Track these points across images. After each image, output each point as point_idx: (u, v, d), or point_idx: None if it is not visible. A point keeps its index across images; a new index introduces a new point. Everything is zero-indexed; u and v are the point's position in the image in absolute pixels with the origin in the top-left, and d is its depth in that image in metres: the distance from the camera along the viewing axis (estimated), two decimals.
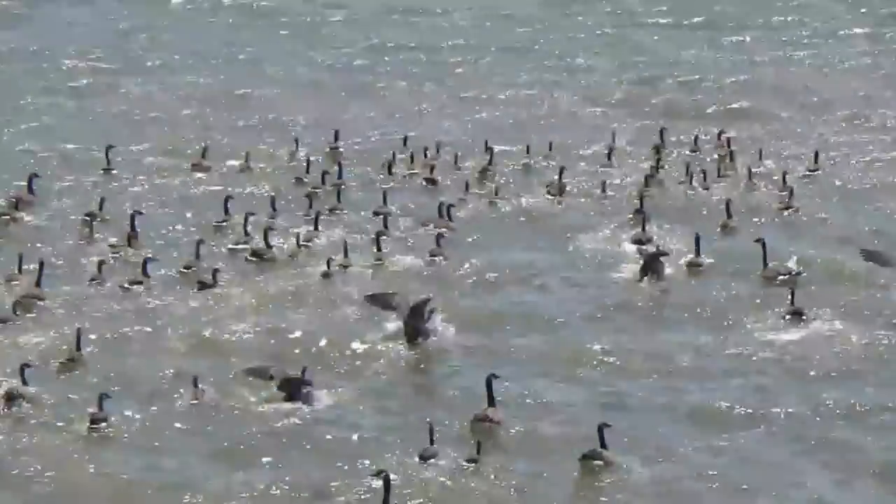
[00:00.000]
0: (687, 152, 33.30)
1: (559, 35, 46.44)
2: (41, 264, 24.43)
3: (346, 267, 25.67)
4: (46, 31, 46.06)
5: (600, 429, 18.22)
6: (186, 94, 39.19)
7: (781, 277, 24.91)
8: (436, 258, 26.13)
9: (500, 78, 41.38)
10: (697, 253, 25.87)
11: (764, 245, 25.29)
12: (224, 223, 28.11)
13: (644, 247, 26.53)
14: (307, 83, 41.00)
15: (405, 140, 33.46)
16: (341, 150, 33.47)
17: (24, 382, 20.08)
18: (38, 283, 24.17)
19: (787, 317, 23.13)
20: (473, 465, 18.24)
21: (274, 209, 28.57)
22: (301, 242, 26.81)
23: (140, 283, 24.77)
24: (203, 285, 24.51)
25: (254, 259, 26.13)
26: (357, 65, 43.20)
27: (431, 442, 18.49)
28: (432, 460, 18.29)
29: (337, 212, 28.84)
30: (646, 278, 24.94)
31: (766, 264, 25.23)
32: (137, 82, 40.35)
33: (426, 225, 28.02)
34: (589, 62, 43.47)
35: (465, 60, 43.27)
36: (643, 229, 27.30)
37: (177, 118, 36.93)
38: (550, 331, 23.09)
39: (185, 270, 25.33)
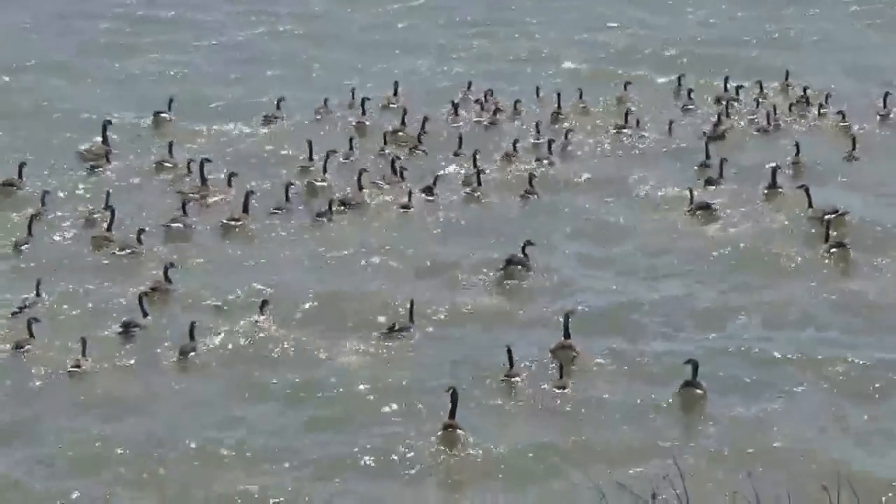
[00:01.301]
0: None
1: None
2: (112, 211, 24.62)
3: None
4: None
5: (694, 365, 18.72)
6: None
7: (828, 216, 24.74)
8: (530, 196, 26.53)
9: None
10: (774, 183, 26.62)
11: (807, 190, 25.55)
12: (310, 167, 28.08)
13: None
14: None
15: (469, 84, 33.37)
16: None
17: (145, 314, 20.80)
18: (109, 228, 24.37)
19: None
20: (562, 389, 18.88)
21: (351, 148, 28.76)
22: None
23: (238, 219, 25.09)
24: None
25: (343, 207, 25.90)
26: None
27: (511, 365, 19.12)
28: (515, 379, 19.10)
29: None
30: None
31: (810, 205, 25.44)
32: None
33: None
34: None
35: None
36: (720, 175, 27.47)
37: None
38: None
39: (276, 211, 25.52)
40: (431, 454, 17.26)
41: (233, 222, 25.09)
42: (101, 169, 28.03)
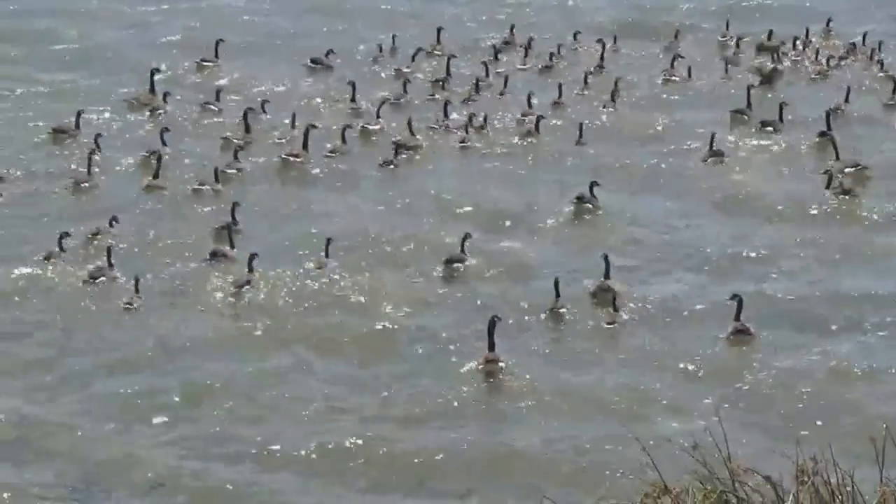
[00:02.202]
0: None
1: None
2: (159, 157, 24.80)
3: None
4: None
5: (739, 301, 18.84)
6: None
7: (848, 170, 24.96)
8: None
9: None
10: (828, 127, 26.58)
11: (833, 139, 25.73)
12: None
13: None
14: None
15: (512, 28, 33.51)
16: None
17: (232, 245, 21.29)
18: (155, 176, 24.37)
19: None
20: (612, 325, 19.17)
21: (405, 90, 28.97)
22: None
23: (298, 155, 25.37)
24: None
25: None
26: None
27: (557, 295, 19.50)
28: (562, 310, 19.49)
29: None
30: None
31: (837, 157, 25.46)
32: None
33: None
34: None
35: None
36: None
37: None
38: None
39: (331, 154, 25.68)
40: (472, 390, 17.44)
41: (291, 158, 25.26)
42: (150, 115, 28.09)
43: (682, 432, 14.83)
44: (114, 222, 21.89)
